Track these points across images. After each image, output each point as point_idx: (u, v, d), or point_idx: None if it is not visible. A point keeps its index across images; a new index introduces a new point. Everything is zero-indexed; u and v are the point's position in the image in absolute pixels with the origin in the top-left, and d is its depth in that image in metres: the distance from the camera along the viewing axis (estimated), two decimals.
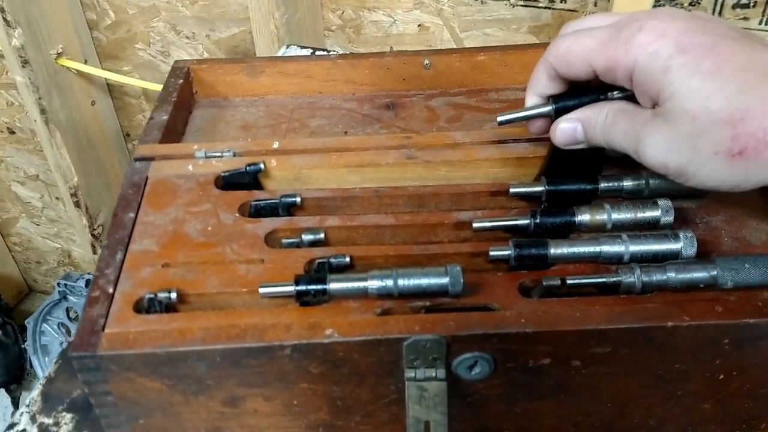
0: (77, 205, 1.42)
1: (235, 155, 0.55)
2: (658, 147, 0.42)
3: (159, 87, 1.30)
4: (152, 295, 0.45)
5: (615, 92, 0.47)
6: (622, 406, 0.48)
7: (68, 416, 0.60)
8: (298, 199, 0.52)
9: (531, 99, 0.50)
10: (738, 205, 0.51)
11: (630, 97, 0.46)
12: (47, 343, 1.55)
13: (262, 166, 0.53)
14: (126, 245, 0.48)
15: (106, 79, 1.36)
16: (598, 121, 0.46)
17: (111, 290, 0.45)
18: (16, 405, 1.53)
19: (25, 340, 1.57)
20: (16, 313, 1.74)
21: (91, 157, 1.41)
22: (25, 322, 1.55)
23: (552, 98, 0.49)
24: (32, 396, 0.61)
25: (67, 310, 1.56)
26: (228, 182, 0.54)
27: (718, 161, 0.41)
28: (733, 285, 0.44)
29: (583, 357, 0.44)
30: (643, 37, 0.41)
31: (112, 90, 1.42)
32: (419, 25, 1.13)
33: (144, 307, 0.45)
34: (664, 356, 0.45)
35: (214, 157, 0.55)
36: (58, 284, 1.52)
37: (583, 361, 0.45)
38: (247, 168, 0.54)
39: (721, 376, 0.46)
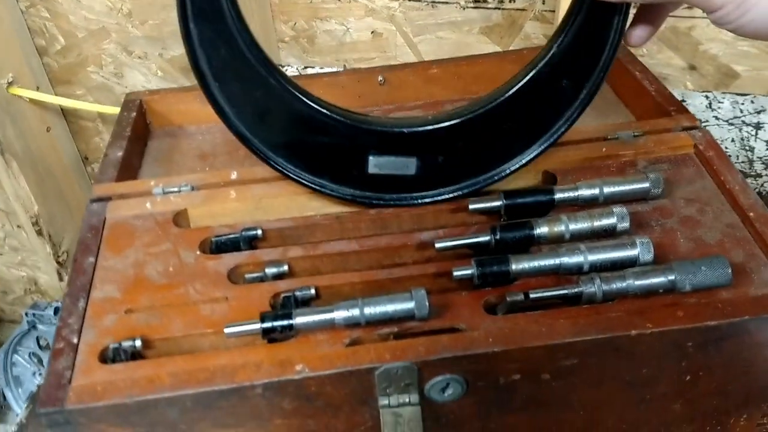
0: (39, 233, 1.39)
1: (193, 189, 0.55)
2: None
3: (114, 110, 1.28)
4: (117, 345, 0.44)
5: None
6: (594, 413, 0.49)
7: None
8: (260, 232, 0.51)
9: None
10: (692, 204, 0.52)
11: None
12: (19, 374, 1.52)
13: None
14: (88, 292, 0.48)
15: (60, 105, 1.34)
16: None
17: (75, 341, 0.45)
18: None
19: None
20: None
21: (50, 185, 1.38)
22: None
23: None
24: None
25: (38, 339, 1.53)
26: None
27: None
28: (691, 288, 0.45)
29: (552, 370, 0.45)
30: None
31: (66, 115, 1.39)
32: (372, 32, 1.12)
33: (109, 357, 0.44)
34: (630, 363, 0.45)
35: (172, 192, 0.54)
36: (26, 314, 1.49)
37: (553, 374, 0.45)
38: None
39: (688, 377, 0.47)
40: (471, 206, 0.51)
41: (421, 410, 0.45)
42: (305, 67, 0.98)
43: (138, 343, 0.44)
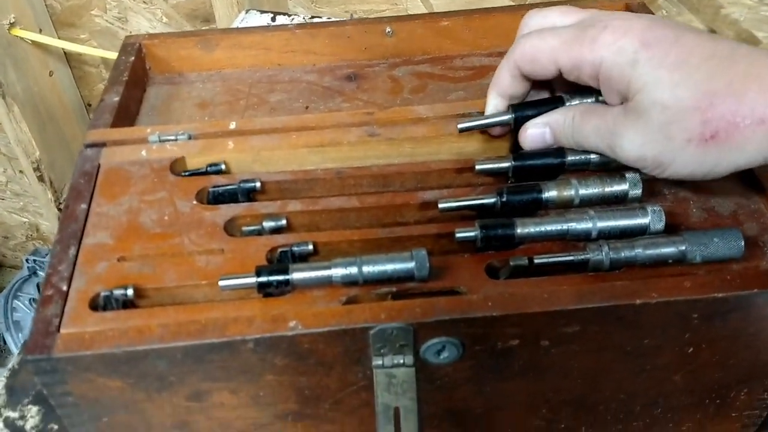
0: (41, 179, 1.38)
1: (190, 138, 0.53)
2: (634, 141, 0.43)
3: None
4: (108, 293, 0.43)
5: (574, 100, 0.48)
6: (593, 381, 0.48)
7: (34, 409, 0.59)
8: (258, 184, 0.50)
9: (493, 98, 0.50)
10: None
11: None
12: (19, 320, 1.53)
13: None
14: (79, 239, 0.47)
15: (63, 49, 1.31)
16: (566, 123, 0.47)
17: (65, 288, 0.44)
18: None
19: None
20: None
21: (52, 130, 1.37)
22: None
23: (511, 107, 0.49)
24: None
25: (38, 286, 1.54)
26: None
27: (692, 148, 0.41)
28: (702, 259, 0.44)
29: (552, 337, 0.44)
30: (608, 36, 0.42)
31: (70, 59, 1.37)
32: None
33: (100, 304, 0.43)
34: (633, 333, 0.44)
35: (169, 140, 0.53)
36: (27, 260, 1.50)
37: (552, 341, 0.44)
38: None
39: (691, 349, 0.46)
40: (478, 166, 0.50)
41: (416, 372, 0.44)
42: (312, 17, 0.95)
43: (130, 291, 0.43)
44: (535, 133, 0.48)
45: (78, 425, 0.46)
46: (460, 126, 0.51)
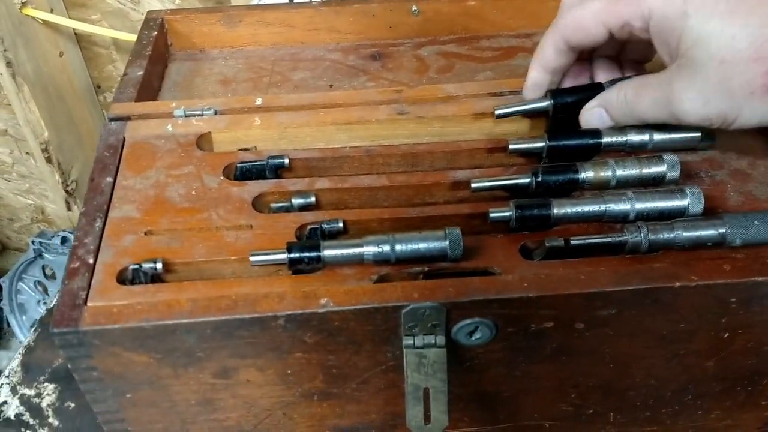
0: (49, 160, 1.37)
1: (216, 113, 0.52)
2: (694, 101, 0.42)
3: (129, 36, 1.24)
4: (137, 266, 0.42)
5: (609, 82, 0.48)
6: (624, 366, 0.47)
7: (50, 386, 0.58)
8: (286, 161, 0.49)
9: (535, 71, 0.49)
10: (743, 157, 0.49)
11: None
12: (24, 302, 1.52)
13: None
14: (105, 212, 0.46)
15: (74, 29, 1.30)
16: (619, 101, 0.46)
17: (92, 261, 0.43)
18: None
19: (1, 299, 1.53)
20: None
21: (61, 111, 1.35)
22: (0, 281, 1.52)
23: (550, 93, 0.49)
24: (12, 366, 0.59)
25: (43, 268, 1.53)
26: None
27: (756, 99, 0.40)
28: (741, 243, 0.43)
29: (587, 320, 0.43)
30: None
31: (80, 40, 1.35)
32: None
33: (128, 278, 0.42)
34: (669, 316, 0.43)
35: (194, 115, 0.52)
36: (33, 242, 1.48)
37: (587, 324, 0.43)
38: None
39: (726, 335, 0.45)
40: (511, 146, 0.49)
41: (447, 353, 0.43)
42: None
43: (159, 265, 0.42)
44: (594, 114, 0.48)
45: (101, 401, 0.45)
46: (497, 112, 0.50)
